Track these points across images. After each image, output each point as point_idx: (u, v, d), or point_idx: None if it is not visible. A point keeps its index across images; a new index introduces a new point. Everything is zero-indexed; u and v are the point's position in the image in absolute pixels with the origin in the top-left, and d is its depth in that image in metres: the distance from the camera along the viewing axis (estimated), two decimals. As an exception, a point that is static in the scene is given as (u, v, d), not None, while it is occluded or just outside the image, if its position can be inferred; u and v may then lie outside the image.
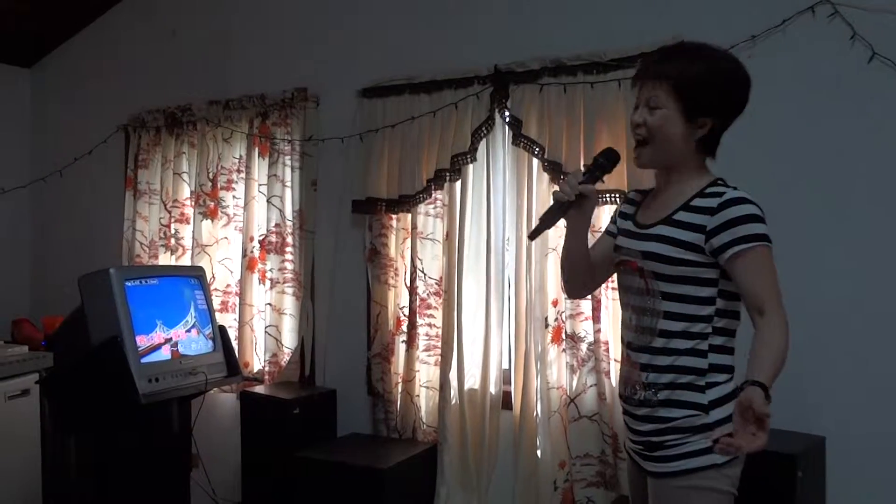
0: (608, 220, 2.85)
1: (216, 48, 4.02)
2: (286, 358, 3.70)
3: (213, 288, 3.80)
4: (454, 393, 3.21)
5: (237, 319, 3.81)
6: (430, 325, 3.33)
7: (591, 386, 2.98)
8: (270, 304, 3.71)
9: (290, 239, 3.68)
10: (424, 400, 3.36)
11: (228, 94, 3.86)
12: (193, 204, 3.98)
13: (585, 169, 1.90)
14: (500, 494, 3.14)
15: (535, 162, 3.06)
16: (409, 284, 3.38)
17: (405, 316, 3.39)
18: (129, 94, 4.27)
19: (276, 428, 3.32)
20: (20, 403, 3.37)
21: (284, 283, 3.68)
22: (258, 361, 3.80)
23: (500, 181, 3.21)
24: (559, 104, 2.98)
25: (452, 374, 3.21)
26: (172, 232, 4.04)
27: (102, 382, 2.91)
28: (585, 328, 2.98)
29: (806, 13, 2.63)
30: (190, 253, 3.97)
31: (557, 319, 3.04)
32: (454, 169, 3.21)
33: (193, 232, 3.95)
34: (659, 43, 2.46)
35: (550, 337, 3.04)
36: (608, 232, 2.00)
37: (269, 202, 3.72)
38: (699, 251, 1.71)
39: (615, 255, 1.90)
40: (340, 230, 3.62)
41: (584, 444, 2.98)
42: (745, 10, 2.73)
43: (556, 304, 3.04)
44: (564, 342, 3.02)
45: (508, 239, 3.20)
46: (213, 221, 3.91)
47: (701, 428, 1.70)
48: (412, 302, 3.34)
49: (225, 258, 3.93)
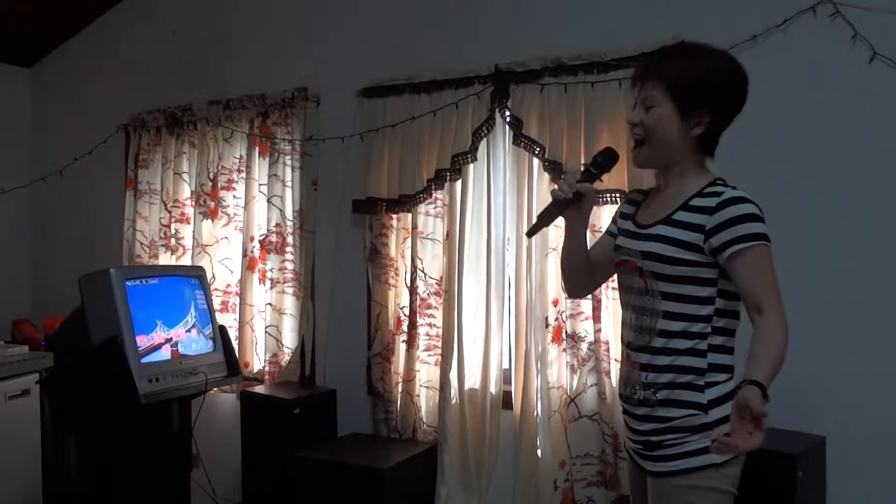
0: (608, 219, 2.89)
1: (216, 48, 4.02)
2: (286, 358, 3.70)
3: (213, 288, 3.80)
4: (454, 393, 3.21)
5: (237, 319, 3.80)
6: (430, 324, 3.33)
7: (591, 385, 2.98)
8: (271, 303, 3.71)
9: (290, 239, 3.68)
10: (425, 400, 3.36)
11: (229, 93, 3.86)
12: (194, 204, 3.98)
13: (584, 168, 1.90)
14: (500, 494, 3.14)
15: (535, 162, 3.06)
16: (409, 284, 3.38)
17: (405, 316, 3.39)
18: (129, 94, 4.26)
19: (276, 428, 3.32)
20: (20, 403, 3.38)
21: (285, 282, 3.68)
22: (258, 361, 3.80)
23: (500, 181, 3.21)
24: (560, 104, 2.98)
25: (453, 373, 3.21)
26: (173, 232, 4.03)
27: (103, 382, 2.91)
28: (586, 328, 2.98)
29: (807, 13, 2.63)
30: (190, 253, 3.97)
31: (558, 319, 3.04)
32: (454, 169, 3.21)
33: (194, 232, 3.95)
34: (659, 43, 2.46)
35: (551, 336, 3.04)
36: (609, 232, 2.00)
37: (269, 202, 3.72)
38: (698, 251, 1.71)
39: (615, 255, 1.90)
40: (341, 230, 3.62)
41: (584, 443, 2.98)
42: (745, 9, 2.73)
43: (556, 303, 3.04)
44: (565, 342, 3.02)
45: (509, 239, 3.20)
46: (213, 221, 3.91)
47: (700, 427, 1.70)
48: (412, 302, 3.34)
49: (225, 258, 3.93)
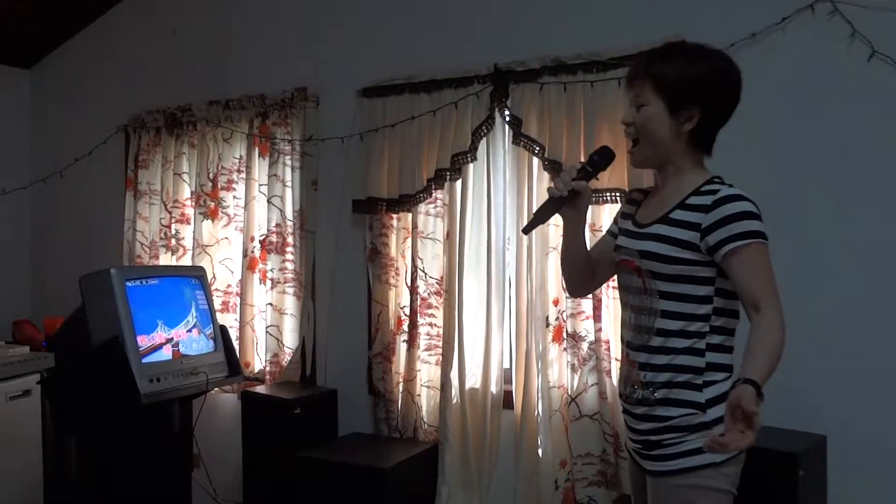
0: (608, 218, 2.89)
1: (216, 48, 4.02)
2: (287, 358, 3.70)
3: (213, 288, 3.80)
4: (455, 392, 3.21)
5: (238, 319, 3.81)
6: (430, 324, 3.33)
7: (592, 385, 2.98)
8: (271, 303, 3.71)
9: (290, 239, 3.68)
10: (425, 399, 3.36)
11: (228, 94, 3.86)
12: (194, 204, 3.98)
13: (580, 166, 1.91)
14: (501, 494, 3.14)
15: (535, 161, 3.06)
16: (409, 284, 3.38)
17: (406, 315, 3.39)
18: (129, 94, 4.26)
19: (277, 428, 3.32)
20: (21, 404, 3.37)
21: (285, 282, 3.68)
22: (259, 361, 3.80)
23: (500, 180, 3.21)
24: (559, 103, 2.98)
25: (453, 373, 3.21)
26: (173, 232, 4.04)
27: (104, 383, 2.91)
28: (586, 327, 2.98)
29: (806, 11, 2.63)
30: (191, 253, 3.97)
31: (558, 318, 3.04)
32: (454, 168, 3.21)
33: (194, 232, 3.95)
34: (659, 42, 2.44)
35: (551, 336, 3.04)
36: (610, 232, 2.01)
37: (269, 202, 3.72)
38: (695, 249, 1.71)
39: (615, 254, 1.90)
40: (341, 230, 3.62)
41: (585, 443, 2.98)
42: (744, 8, 2.73)
43: (556, 303, 3.04)
44: (565, 341, 3.02)
45: (509, 238, 3.20)
46: (213, 221, 3.91)
47: (698, 427, 1.69)
48: (413, 301, 3.34)
49: (226, 258, 3.93)
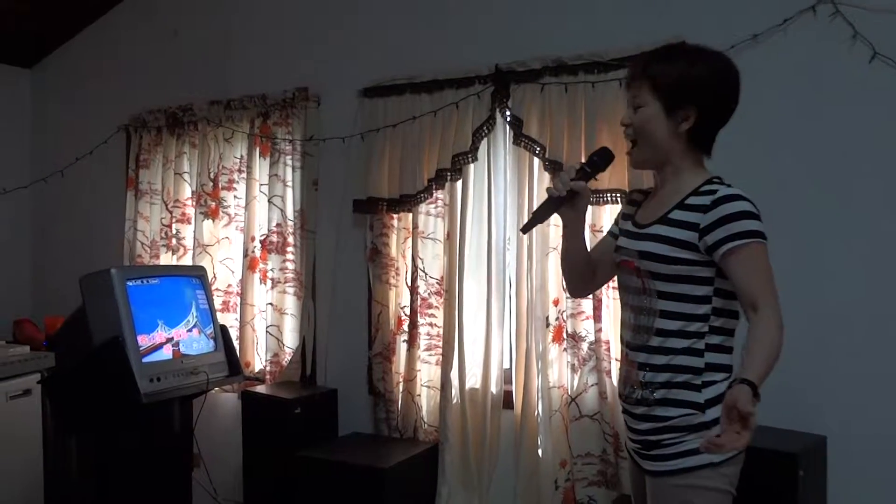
0: (608, 218, 2.90)
1: (217, 48, 4.02)
2: (287, 357, 3.70)
3: (214, 288, 3.80)
4: (455, 392, 3.22)
5: (238, 319, 3.81)
6: (431, 324, 3.33)
7: (592, 385, 2.98)
8: (272, 303, 3.72)
9: (291, 239, 3.68)
10: (425, 399, 3.36)
11: (229, 94, 3.86)
12: (194, 204, 3.98)
13: (579, 166, 1.91)
14: (501, 494, 3.14)
15: (536, 161, 3.06)
16: (410, 284, 3.38)
17: (406, 315, 3.39)
18: (129, 94, 4.26)
19: (277, 427, 3.33)
20: (22, 403, 3.37)
21: (286, 282, 3.68)
22: (259, 361, 3.80)
23: (501, 181, 3.21)
24: (560, 103, 2.98)
25: (453, 373, 3.21)
26: (174, 232, 4.04)
27: (104, 382, 2.92)
28: (586, 327, 2.98)
29: (807, 12, 2.63)
30: (191, 253, 3.97)
31: (558, 318, 3.04)
32: (455, 168, 3.21)
33: (195, 232, 3.95)
34: (659, 43, 2.45)
35: (551, 336, 3.04)
36: (611, 233, 2.01)
37: (270, 202, 3.72)
38: (694, 249, 1.71)
39: (615, 255, 1.90)
40: (342, 230, 3.62)
41: (585, 443, 2.98)
42: (746, 9, 2.73)
43: (557, 303, 3.04)
44: (565, 341, 3.03)
45: (509, 238, 3.20)
46: (214, 221, 3.91)
47: (697, 427, 1.69)
48: (413, 301, 3.34)
49: (226, 258, 3.93)
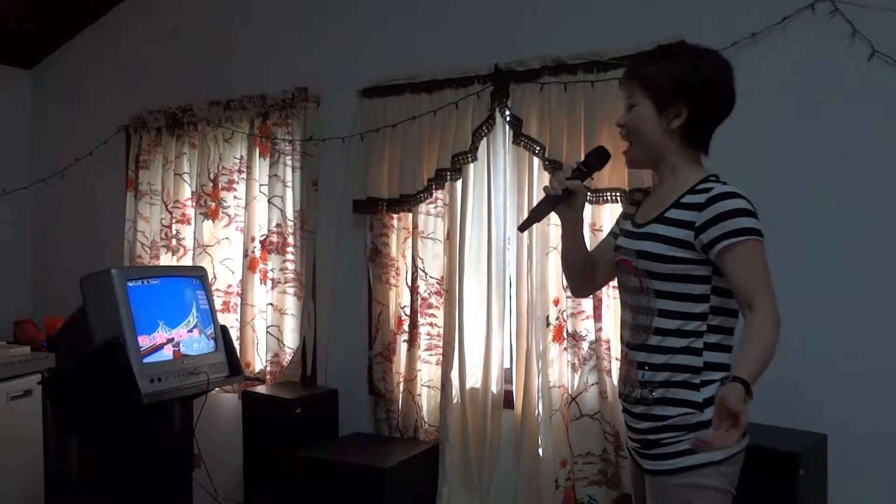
0: (608, 218, 2.90)
1: (217, 48, 4.02)
2: (288, 358, 3.70)
3: (214, 288, 3.80)
4: (456, 392, 3.22)
5: (238, 319, 3.81)
6: (431, 324, 3.33)
7: (592, 384, 2.98)
8: (272, 304, 3.72)
9: (291, 239, 3.68)
10: (426, 399, 3.36)
11: (229, 94, 3.86)
12: (194, 204, 3.98)
13: (576, 165, 1.92)
14: (501, 493, 3.14)
15: (535, 161, 3.06)
16: (410, 284, 3.38)
17: (406, 315, 3.39)
18: (129, 94, 4.27)
19: (277, 428, 3.33)
20: (22, 404, 3.37)
21: (286, 283, 3.68)
22: (260, 361, 3.80)
23: (500, 180, 3.21)
24: (559, 103, 2.98)
25: (454, 373, 3.21)
26: (174, 232, 4.04)
27: (104, 383, 2.92)
28: (587, 327, 2.98)
29: (806, 11, 2.63)
30: (191, 253, 3.97)
31: (559, 318, 3.04)
32: (455, 168, 3.21)
33: (195, 232, 3.95)
34: (659, 42, 2.46)
35: (552, 335, 3.04)
36: (612, 233, 2.02)
37: (270, 202, 3.72)
38: (690, 248, 1.71)
39: (615, 254, 1.91)
40: (341, 230, 3.62)
41: (585, 442, 2.98)
42: (745, 8, 2.73)
43: (557, 302, 3.04)
44: (566, 341, 3.03)
45: (509, 238, 3.20)
46: (214, 222, 3.92)
47: (696, 426, 1.69)
48: (413, 301, 3.34)
49: (226, 258, 3.93)
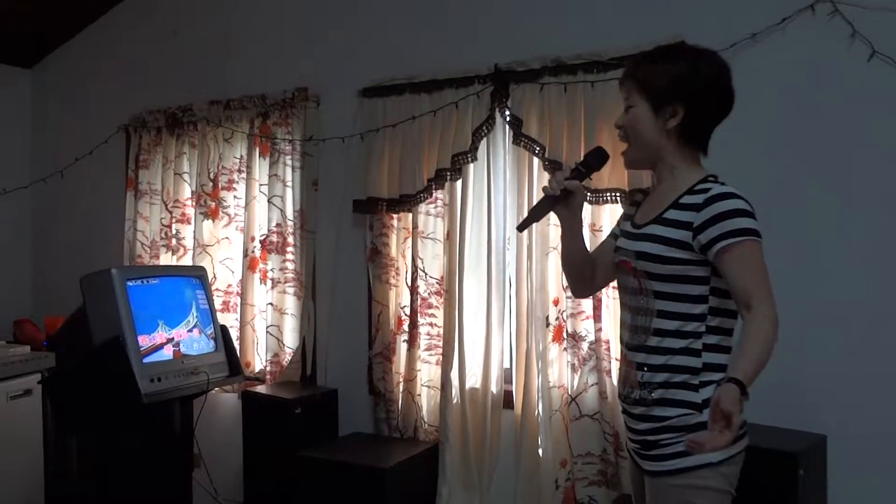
0: (608, 218, 2.90)
1: (217, 48, 4.02)
2: (287, 358, 3.70)
3: (214, 288, 3.80)
4: (455, 392, 3.22)
5: (238, 319, 3.81)
6: (431, 324, 3.33)
7: (592, 385, 2.98)
8: (272, 303, 3.72)
9: (291, 239, 3.68)
10: (426, 399, 3.36)
11: (229, 94, 3.86)
12: (194, 204, 3.98)
13: (574, 165, 1.92)
14: (501, 493, 3.15)
15: (535, 161, 3.06)
16: (410, 284, 3.38)
17: (406, 315, 3.39)
18: (129, 94, 4.27)
19: (277, 428, 3.33)
20: (22, 404, 3.37)
21: (286, 282, 3.68)
22: (260, 361, 3.80)
23: (500, 180, 3.21)
24: (559, 103, 2.98)
25: (454, 373, 3.21)
26: (174, 232, 4.04)
27: (104, 382, 2.92)
28: (586, 327, 2.98)
29: (806, 11, 2.63)
30: (191, 253, 3.97)
31: (558, 318, 3.04)
32: (455, 168, 3.21)
33: (194, 232, 3.95)
34: (659, 42, 2.46)
35: (551, 336, 3.04)
36: (612, 234, 2.02)
37: (269, 202, 3.72)
38: (688, 248, 1.71)
39: (615, 255, 1.91)
40: (341, 230, 3.62)
41: (585, 442, 2.98)
42: (745, 8, 2.73)
43: (557, 303, 3.04)
44: (566, 341, 3.03)
45: (509, 238, 3.20)
46: (214, 221, 3.92)
47: (695, 427, 1.68)
48: (413, 301, 3.34)
49: (226, 258, 3.93)
